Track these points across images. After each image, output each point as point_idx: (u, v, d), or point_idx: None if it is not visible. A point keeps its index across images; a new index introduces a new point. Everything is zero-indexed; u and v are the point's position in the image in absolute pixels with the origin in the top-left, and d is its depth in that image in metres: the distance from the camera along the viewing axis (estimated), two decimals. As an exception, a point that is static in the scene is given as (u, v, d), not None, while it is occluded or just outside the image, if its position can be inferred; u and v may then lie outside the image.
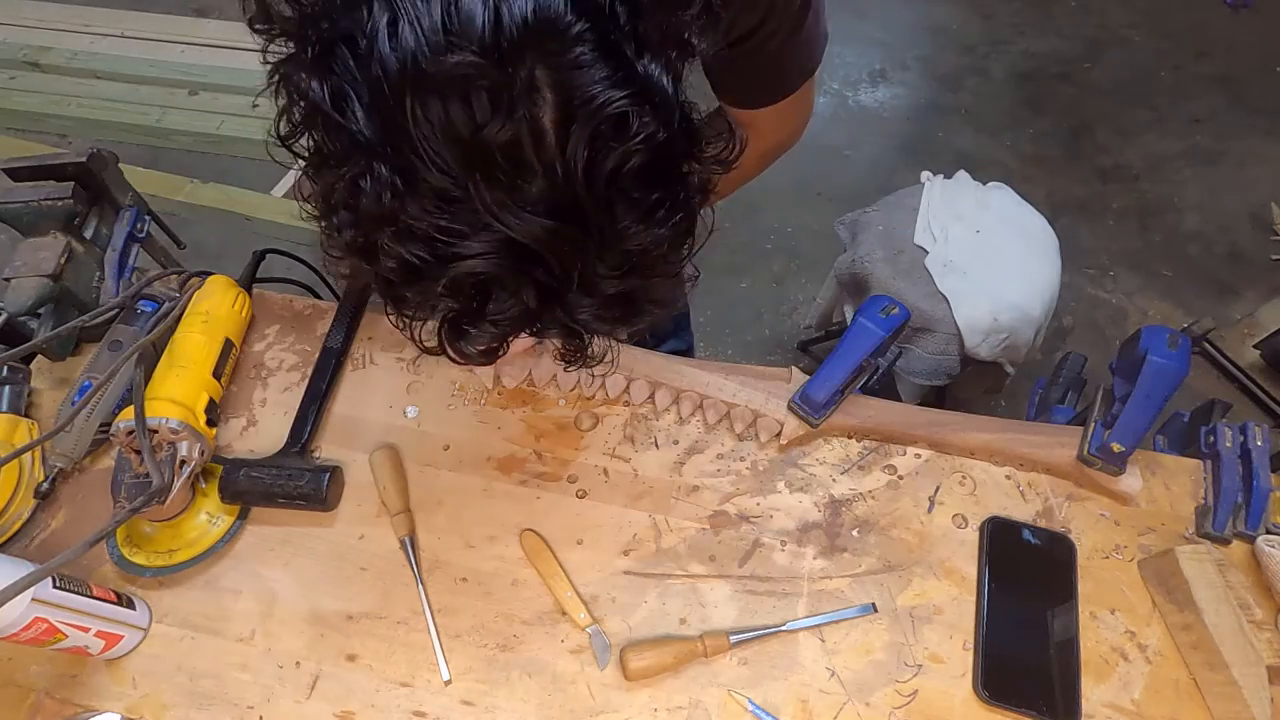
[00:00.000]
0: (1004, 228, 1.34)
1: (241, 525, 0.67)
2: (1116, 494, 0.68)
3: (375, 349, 0.79)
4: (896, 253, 1.30)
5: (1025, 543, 0.66)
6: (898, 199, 1.41)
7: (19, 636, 0.52)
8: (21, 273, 0.72)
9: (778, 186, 2.14)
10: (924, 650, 0.61)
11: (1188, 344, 0.61)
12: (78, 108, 2.35)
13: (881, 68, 2.54)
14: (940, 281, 1.25)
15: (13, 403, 0.71)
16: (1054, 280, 1.32)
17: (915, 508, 0.68)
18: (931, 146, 2.33)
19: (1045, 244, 1.36)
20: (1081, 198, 2.20)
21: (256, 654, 0.62)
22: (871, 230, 1.36)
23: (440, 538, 0.67)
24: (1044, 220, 1.39)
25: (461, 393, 0.76)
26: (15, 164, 0.76)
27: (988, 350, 1.26)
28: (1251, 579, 0.62)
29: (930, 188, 1.38)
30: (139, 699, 0.60)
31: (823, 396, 0.69)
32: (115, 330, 0.73)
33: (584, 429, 0.73)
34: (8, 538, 0.66)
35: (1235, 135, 2.33)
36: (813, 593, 0.64)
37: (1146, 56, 2.57)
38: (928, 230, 1.31)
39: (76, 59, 2.45)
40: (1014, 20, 2.69)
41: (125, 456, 0.62)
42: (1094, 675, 0.60)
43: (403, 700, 0.60)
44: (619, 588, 0.64)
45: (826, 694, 0.59)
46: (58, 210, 0.74)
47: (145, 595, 0.64)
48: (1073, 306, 1.97)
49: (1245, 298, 1.94)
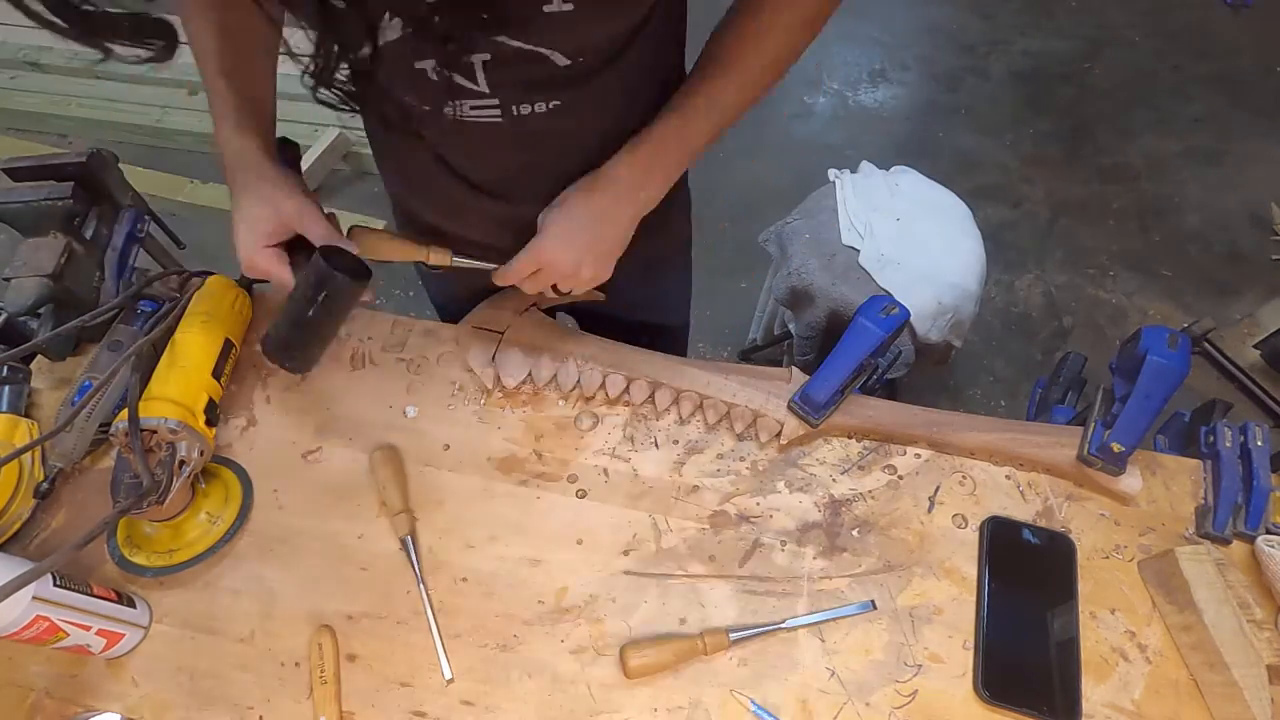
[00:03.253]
0: (920, 210, 1.36)
1: (241, 525, 0.67)
2: (1116, 494, 0.68)
3: (375, 349, 0.79)
4: (829, 257, 1.32)
5: (1025, 542, 0.66)
6: (814, 202, 1.42)
7: (21, 635, 0.52)
8: (21, 273, 0.72)
9: (777, 186, 2.14)
10: (924, 650, 0.61)
11: (1188, 344, 0.61)
12: (78, 108, 2.35)
13: (881, 68, 2.54)
14: (879, 278, 1.27)
15: (13, 403, 0.72)
16: (979, 250, 1.35)
17: (915, 508, 0.68)
18: (931, 146, 2.33)
19: (961, 217, 1.38)
20: (1081, 198, 2.20)
21: (256, 654, 0.62)
22: (799, 240, 1.37)
23: (440, 538, 0.67)
24: (953, 195, 1.42)
25: (461, 393, 0.76)
26: (15, 164, 0.76)
27: (938, 333, 1.29)
28: (1251, 579, 0.62)
29: (841, 185, 1.40)
30: (139, 699, 0.60)
31: (823, 396, 0.69)
32: (115, 330, 0.73)
33: (584, 429, 0.73)
34: (8, 538, 0.66)
35: (1235, 135, 2.33)
36: (813, 592, 0.64)
37: (1146, 56, 2.57)
38: (852, 228, 1.33)
39: (76, 59, 2.45)
40: (1014, 20, 2.70)
41: (125, 457, 0.62)
42: (1094, 675, 0.60)
43: (403, 700, 0.60)
44: (619, 588, 0.64)
45: (826, 694, 0.59)
46: (58, 210, 0.74)
47: (145, 595, 0.64)
48: (1073, 306, 1.97)
49: (1245, 298, 1.95)
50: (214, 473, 0.69)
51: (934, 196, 1.40)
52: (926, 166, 1.48)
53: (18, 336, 0.74)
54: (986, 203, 2.15)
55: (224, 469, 0.70)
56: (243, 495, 0.69)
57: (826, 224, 1.36)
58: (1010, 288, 2.02)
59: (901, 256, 1.28)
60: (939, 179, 1.44)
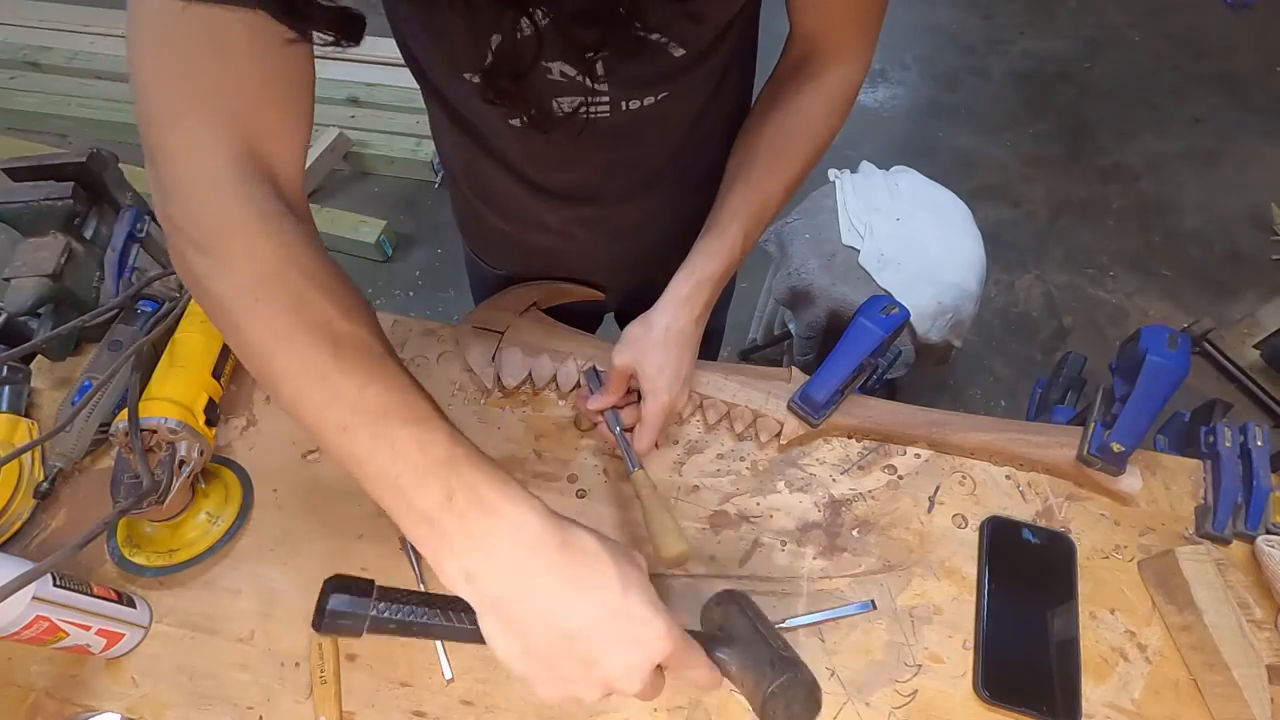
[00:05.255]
0: (920, 210, 1.37)
1: (241, 525, 0.67)
2: (1116, 494, 0.68)
3: (375, 349, 0.79)
4: (829, 257, 1.32)
5: (1025, 542, 0.66)
6: (814, 202, 1.42)
7: (21, 635, 0.52)
8: (21, 273, 0.72)
9: (778, 186, 2.14)
10: (924, 650, 0.61)
11: (1188, 344, 0.61)
12: (78, 108, 2.35)
13: (881, 68, 2.54)
14: (879, 278, 1.27)
15: (13, 403, 0.71)
16: (979, 250, 1.35)
17: (915, 508, 0.68)
18: (931, 146, 2.34)
19: (961, 216, 1.39)
20: (1081, 198, 2.20)
21: (256, 654, 0.62)
22: (799, 240, 1.38)
23: (440, 538, 0.67)
24: (952, 194, 1.42)
25: (461, 393, 0.76)
26: (15, 164, 0.76)
27: (938, 333, 1.29)
28: (1251, 579, 0.62)
29: (841, 184, 1.40)
30: (139, 699, 0.60)
31: (823, 396, 0.69)
32: (115, 330, 0.73)
33: (584, 429, 0.73)
34: (8, 537, 0.66)
35: (1235, 135, 2.33)
36: (812, 592, 0.64)
37: (1146, 56, 2.57)
38: (852, 228, 1.34)
39: (76, 59, 2.46)
40: (1014, 20, 2.70)
41: (125, 457, 0.62)
42: (1094, 675, 0.60)
43: (403, 700, 0.60)
44: (619, 588, 0.64)
45: (826, 694, 0.59)
46: (58, 210, 0.74)
47: (145, 595, 0.64)
48: (1073, 306, 1.97)
49: (1245, 298, 1.95)
50: (214, 473, 0.69)
51: (934, 196, 1.40)
52: (926, 166, 1.48)
53: (18, 336, 0.74)
54: (986, 203, 2.16)
55: (224, 469, 0.70)
56: (243, 495, 0.69)
57: (827, 224, 1.36)
58: (1010, 288, 2.02)
59: (901, 256, 1.28)
60: (939, 179, 1.44)
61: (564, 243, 0.74)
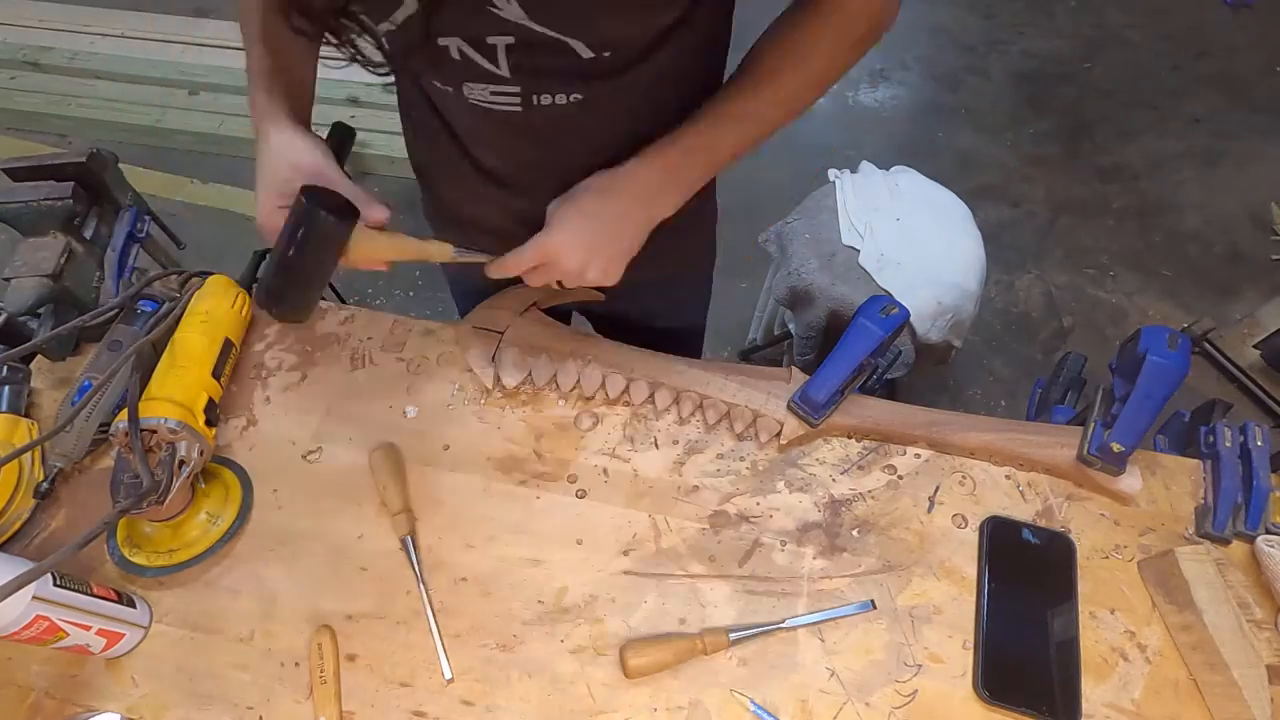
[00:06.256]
0: (920, 210, 1.36)
1: (241, 525, 0.67)
2: (1116, 494, 0.68)
3: (375, 349, 0.79)
4: (829, 257, 1.32)
5: (1025, 542, 0.66)
6: (814, 202, 1.42)
7: (21, 635, 0.52)
8: (21, 273, 0.72)
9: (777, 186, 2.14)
10: (924, 650, 0.61)
11: (1188, 344, 0.61)
12: (78, 108, 2.35)
13: (881, 68, 2.54)
14: (879, 278, 1.27)
15: (13, 403, 0.71)
16: (979, 250, 1.35)
17: (915, 508, 0.68)
18: (931, 146, 2.34)
19: (961, 216, 1.38)
20: (1081, 198, 2.20)
21: (256, 654, 0.62)
22: (799, 240, 1.38)
23: (440, 538, 0.67)
24: (953, 195, 1.42)
25: (461, 393, 0.76)
26: (15, 164, 0.76)
27: (938, 333, 1.29)
28: (1251, 579, 0.62)
29: (841, 184, 1.40)
30: (139, 699, 0.60)
31: (822, 396, 0.69)
32: (115, 330, 0.73)
33: (584, 429, 0.73)
34: (8, 537, 0.66)
35: (1235, 135, 2.33)
36: (812, 592, 0.64)
37: (1146, 56, 2.57)
38: (852, 228, 1.33)
39: (76, 59, 2.45)
40: (1014, 20, 2.70)
41: (125, 457, 0.62)
42: (1094, 675, 0.60)
43: (403, 700, 0.60)
44: (619, 588, 0.64)
45: (826, 694, 0.59)
46: (58, 210, 0.74)
47: (145, 595, 0.64)
48: (1073, 306, 1.97)
49: (1245, 298, 1.95)
50: (214, 473, 0.69)
51: (934, 196, 1.40)
52: (926, 166, 1.48)
53: (18, 336, 0.74)
54: (986, 203, 2.16)
55: (224, 469, 0.70)
56: (243, 495, 0.69)
57: (827, 224, 1.36)
58: (1010, 288, 2.02)
59: (901, 256, 1.28)
60: (939, 179, 1.44)
61: (510, 230, 0.70)
